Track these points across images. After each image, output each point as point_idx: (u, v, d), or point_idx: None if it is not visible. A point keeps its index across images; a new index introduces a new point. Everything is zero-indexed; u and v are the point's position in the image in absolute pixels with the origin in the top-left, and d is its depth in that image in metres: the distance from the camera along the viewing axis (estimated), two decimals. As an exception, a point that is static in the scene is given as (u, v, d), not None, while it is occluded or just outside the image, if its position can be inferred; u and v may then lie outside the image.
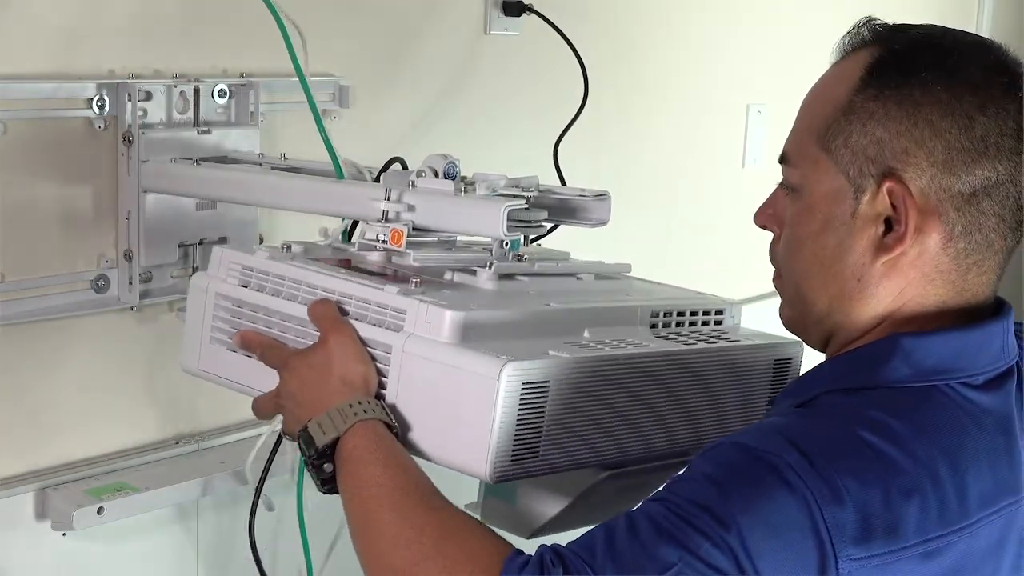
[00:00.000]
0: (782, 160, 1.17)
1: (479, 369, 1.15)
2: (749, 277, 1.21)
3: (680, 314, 1.40)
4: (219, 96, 1.68)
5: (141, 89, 1.59)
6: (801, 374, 1.19)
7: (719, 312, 1.44)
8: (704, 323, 1.43)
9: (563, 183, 1.89)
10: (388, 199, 1.35)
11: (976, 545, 1.07)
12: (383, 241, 1.34)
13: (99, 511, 1.56)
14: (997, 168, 1.08)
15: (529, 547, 1.05)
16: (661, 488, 1.04)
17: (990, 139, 1.08)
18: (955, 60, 1.09)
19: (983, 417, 1.09)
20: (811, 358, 1.25)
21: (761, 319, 1.43)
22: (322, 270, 1.32)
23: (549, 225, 1.44)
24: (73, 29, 1.56)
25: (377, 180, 1.45)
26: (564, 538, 1.05)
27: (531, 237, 1.44)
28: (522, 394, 1.15)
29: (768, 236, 1.21)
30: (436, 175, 1.37)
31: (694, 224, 2.55)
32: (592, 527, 1.03)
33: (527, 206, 1.35)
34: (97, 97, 1.57)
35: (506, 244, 1.37)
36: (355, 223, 1.48)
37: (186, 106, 1.65)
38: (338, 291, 1.28)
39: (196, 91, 1.65)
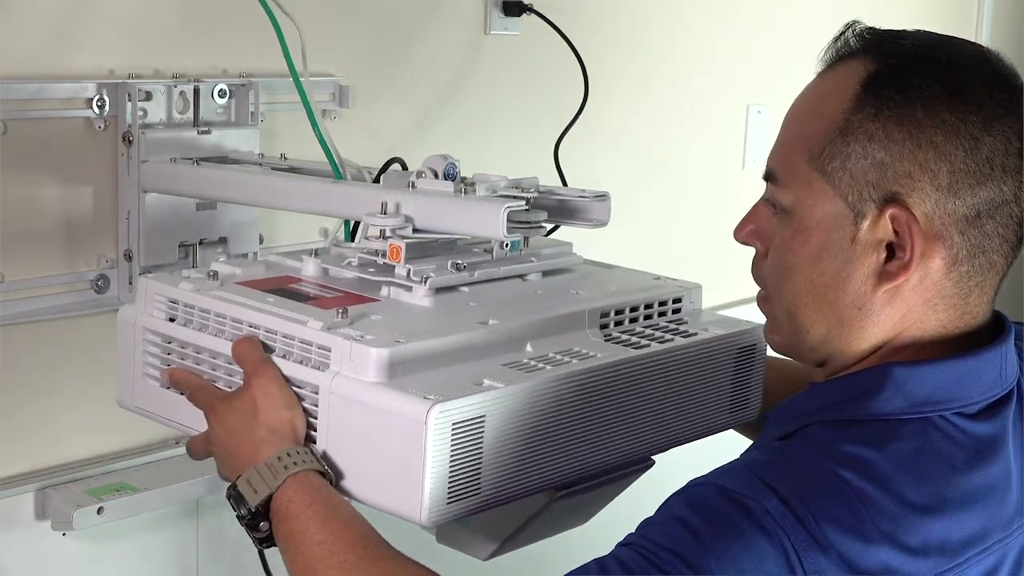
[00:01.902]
0: (768, 178, 1.12)
1: (406, 411, 1.09)
2: (749, 279, 1.20)
3: (633, 309, 1.33)
4: (219, 96, 1.68)
5: (141, 89, 1.59)
6: (790, 398, 1.14)
7: (676, 300, 1.37)
8: (661, 314, 1.35)
9: (564, 183, 1.89)
10: (384, 213, 1.31)
11: None
12: (383, 255, 1.32)
13: (99, 511, 1.56)
14: (1002, 188, 1.04)
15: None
16: (633, 531, 1.01)
17: (996, 160, 1.03)
18: (957, 77, 1.04)
19: (977, 449, 1.06)
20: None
21: (761, 320, 1.42)
22: (248, 301, 1.25)
23: (549, 226, 1.44)
24: (73, 29, 1.56)
25: (377, 181, 1.45)
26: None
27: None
28: (454, 434, 1.08)
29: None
30: (436, 176, 1.36)
31: (694, 225, 2.55)
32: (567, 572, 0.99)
33: (527, 207, 1.34)
34: (97, 97, 1.57)
35: (506, 245, 1.36)
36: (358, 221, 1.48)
37: (186, 106, 1.65)
38: (262, 327, 1.22)
39: (196, 91, 1.65)
